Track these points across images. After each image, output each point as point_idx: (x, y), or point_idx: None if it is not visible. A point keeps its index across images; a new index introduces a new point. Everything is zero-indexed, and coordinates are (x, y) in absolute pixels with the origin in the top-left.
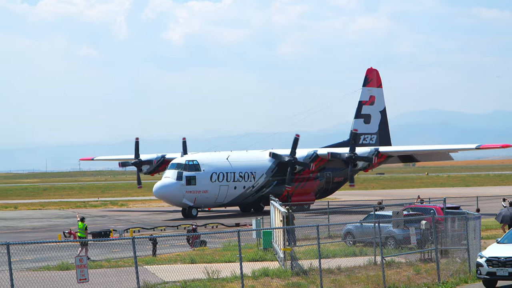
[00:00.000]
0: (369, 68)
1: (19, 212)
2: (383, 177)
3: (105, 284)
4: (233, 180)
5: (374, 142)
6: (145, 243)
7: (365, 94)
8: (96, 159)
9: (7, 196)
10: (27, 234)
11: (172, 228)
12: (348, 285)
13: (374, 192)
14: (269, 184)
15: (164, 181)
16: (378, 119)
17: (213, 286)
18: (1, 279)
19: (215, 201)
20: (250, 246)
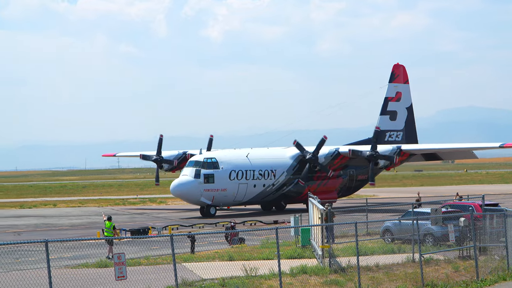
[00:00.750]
0: (396, 64)
1: (58, 209)
2: (422, 174)
3: (143, 282)
4: (253, 178)
5: (400, 139)
6: (184, 240)
7: (391, 91)
8: (118, 155)
9: (46, 194)
10: (65, 231)
11: (211, 226)
12: (386, 282)
13: (413, 189)
14: (290, 182)
15: (181, 179)
16: (405, 116)
17: (251, 284)
18: (40, 276)
19: (234, 200)
20: (288, 244)
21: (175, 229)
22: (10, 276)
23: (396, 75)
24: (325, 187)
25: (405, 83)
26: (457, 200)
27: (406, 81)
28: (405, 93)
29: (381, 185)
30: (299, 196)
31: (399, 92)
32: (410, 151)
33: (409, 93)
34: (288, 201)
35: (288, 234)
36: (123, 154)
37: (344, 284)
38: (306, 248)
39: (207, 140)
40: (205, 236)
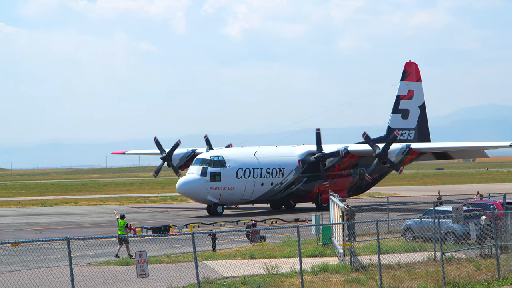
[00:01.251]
0: (408, 61)
1: (80, 207)
2: (443, 172)
3: (165, 279)
4: (260, 176)
5: (412, 138)
6: (205, 238)
7: (403, 89)
8: (127, 153)
9: (68, 192)
10: (87, 229)
11: (232, 224)
12: (407, 280)
13: (434, 187)
14: (298, 181)
15: (187, 177)
16: (417, 114)
17: (272, 282)
18: (62, 274)
19: (241, 198)
20: (310, 242)
21: (196, 227)
22: (32, 274)
23: (408, 73)
24: (335, 186)
25: (417, 81)
26: (478, 198)
27: (418, 79)
28: (418, 91)
29: (401, 184)
30: (308, 195)
31: (411, 90)
32: (420, 150)
33: (421, 91)
34: (297, 200)
35: (310, 232)
36: (132, 152)
37: (366, 283)
38: (328, 246)
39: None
40: (226, 234)
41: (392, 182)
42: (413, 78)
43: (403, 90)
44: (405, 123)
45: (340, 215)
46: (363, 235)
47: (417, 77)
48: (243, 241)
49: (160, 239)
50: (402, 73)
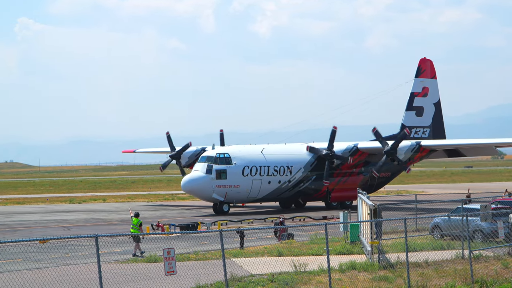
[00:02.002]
0: (422, 58)
1: (108, 204)
2: (471, 170)
3: (192, 277)
4: (267, 174)
5: (426, 136)
6: (233, 236)
7: (418, 86)
8: (137, 152)
9: (96, 189)
10: (115, 226)
11: (260, 221)
12: (435, 278)
13: (462, 185)
14: (307, 179)
15: (192, 174)
16: (432, 112)
17: (300, 279)
18: (90, 271)
19: (248, 196)
20: (337, 239)
21: (224, 224)
22: (60, 271)
23: (423, 70)
24: (345, 184)
25: (432, 78)
26: (507, 196)
27: (433, 76)
28: (433, 88)
29: (430, 181)
30: (317, 193)
31: (426, 87)
32: (430, 147)
33: (437, 88)
34: (306, 198)
35: (337, 230)
36: (143, 150)
37: (393, 280)
38: (355, 244)
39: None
40: (254, 232)
41: (420, 180)
42: (427, 75)
43: (418, 87)
44: (419, 120)
45: (368, 212)
46: (391, 232)
47: (432, 74)
48: (271, 238)
49: (188, 237)
50: (416, 70)
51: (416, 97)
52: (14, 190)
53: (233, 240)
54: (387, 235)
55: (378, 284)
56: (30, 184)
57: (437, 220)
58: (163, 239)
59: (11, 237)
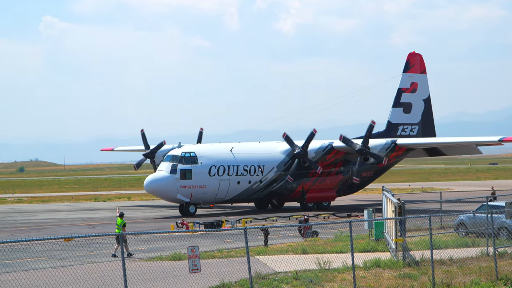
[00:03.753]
0: (411, 52)
1: (133, 202)
2: (496, 167)
3: (217, 274)
4: (236, 174)
5: (415, 133)
6: (257, 234)
7: (406, 81)
8: (116, 150)
9: (121, 187)
10: (139, 224)
11: (284, 219)
12: (460, 276)
13: (487, 182)
14: (280, 179)
15: (156, 174)
16: (421, 108)
17: (324, 277)
18: (114, 268)
19: (215, 197)
20: (362, 237)
21: (248, 222)
22: (85, 269)
23: (412, 65)
24: (322, 185)
25: (422, 73)
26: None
27: (423, 71)
28: (422, 84)
29: (455, 179)
30: (292, 194)
31: (415, 83)
32: (406, 146)
33: (426, 84)
34: (281, 199)
35: (362, 227)
36: (121, 148)
37: (418, 278)
38: (380, 242)
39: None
40: (278, 229)
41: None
42: (417, 70)
43: (406, 82)
44: (407, 117)
45: (393, 210)
46: (415, 230)
47: (422, 69)
48: (295, 236)
49: (212, 234)
50: (405, 65)
51: (404, 93)
52: (39, 189)
53: (258, 237)
54: (412, 233)
55: (403, 282)
56: (55, 182)
57: (462, 217)
58: (187, 237)
59: (36, 235)
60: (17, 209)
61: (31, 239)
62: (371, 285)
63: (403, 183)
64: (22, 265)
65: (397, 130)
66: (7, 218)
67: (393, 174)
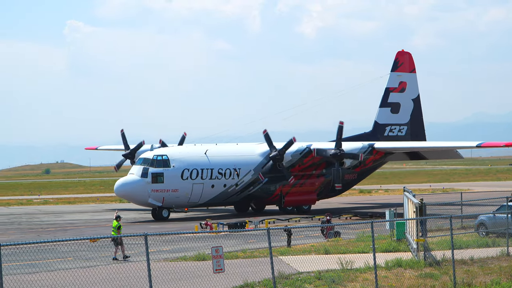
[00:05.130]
0: (400, 50)
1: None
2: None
3: (240, 274)
4: (210, 177)
5: (403, 134)
6: (280, 234)
7: (394, 80)
8: (99, 149)
9: None
10: (164, 225)
11: (307, 219)
12: (481, 276)
13: (507, 183)
14: (258, 182)
15: (126, 178)
16: (410, 108)
17: (346, 277)
18: (139, 269)
19: (188, 201)
20: (384, 237)
21: (271, 222)
22: (110, 269)
23: (400, 63)
24: (302, 188)
25: (411, 72)
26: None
27: (412, 70)
28: (411, 83)
29: (475, 179)
30: (270, 197)
31: (404, 82)
32: (385, 150)
33: (416, 83)
34: (260, 202)
35: (383, 228)
36: (105, 148)
37: (439, 278)
38: (401, 242)
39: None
40: (301, 230)
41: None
42: (406, 69)
43: (394, 82)
44: (395, 117)
45: (414, 210)
46: (436, 230)
47: (411, 68)
48: (317, 236)
49: (236, 235)
50: (393, 64)
51: (391, 92)
52: (65, 190)
53: (281, 238)
54: (433, 233)
55: (424, 281)
56: (80, 184)
57: (482, 217)
58: (211, 238)
59: (62, 236)
60: (43, 210)
61: (57, 239)
62: (392, 284)
63: (424, 184)
64: (48, 266)
65: (384, 130)
66: (34, 219)
67: (413, 175)
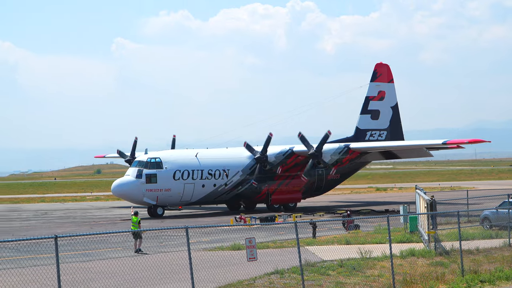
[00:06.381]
0: (379, 63)
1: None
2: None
3: (271, 263)
4: (201, 178)
5: (383, 138)
6: (306, 227)
7: (373, 90)
8: (107, 156)
9: None
10: (203, 219)
11: (330, 214)
12: (485, 264)
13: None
14: (246, 182)
15: (122, 179)
16: (389, 115)
17: (365, 265)
18: (181, 257)
19: (181, 200)
20: (398, 230)
21: (298, 217)
22: (155, 258)
23: (379, 74)
24: (287, 187)
25: (389, 82)
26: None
27: (390, 80)
28: (390, 92)
29: (479, 178)
30: (257, 196)
31: (382, 91)
32: (360, 149)
33: (394, 92)
34: (249, 201)
35: (398, 221)
36: (111, 155)
37: (448, 266)
38: (414, 234)
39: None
40: (324, 223)
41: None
42: (384, 79)
43: (373, 91)
44: (375, 123)
45: (425, 206)
46: (446, 224)
47: (389, 78)
48: (339, 229)
49: (267, 228)
50: (372, 75)
51: (371, 100)
52: None
53: (307, 230)
54: (442, 226)
55: (435, 269)
56: None
57: (486, 212)
58: (245, 230)
59: (113, 228)
60: (95, 206)
61: (108, 231)
62: (407, 272)
63: (434, 183)
64: (100, 255)
65: (365, 135)
66: (87, 213)
67: (425, 174)
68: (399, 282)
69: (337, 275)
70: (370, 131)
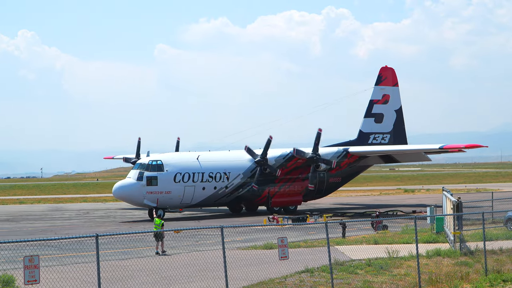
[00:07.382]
0: (384, 66)
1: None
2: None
3: (302, 261)
4: (201, 180)
5: (386, 141)
6: (336, 227)
7: (377, 93)
8: (116, 158)
9: None
10: (237, 218)
11: (359, 214)
12: (508, 264)
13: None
14: (246, 185)
15: (124, 181)
16: (393, 118)
17: (393, 264)
18: (216, 256)
19: (181, 202)
20: (425, 230)
21: (329, 217)
22: (191, 256)
23: (384, 78)
24: (288, 190)
25: (394, 86)
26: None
27: (395, 84)
28: (394, 96)
29: (504, 181)
30: (258, 199)
31: (387, 95)
32: (358, 153)
33: (398, 95)
34: (249, 203)
35: (425, 222)
36: (119, 156)
37: (473, 265)
38: (440, 234)
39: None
40: (354, 223)
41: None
42: (389, 82)
43: (377, 94)
44: (379, 127)
45: (451, 207)
46: (470, 224)
47: (394, 82)
48: (368, 229)
49: (298, 227)
50: (377, 78)
51: (375, 104)
52: None
53: (336, 230)
54: (467, 227)
55: (460, 268)
56: None
57: (510, 213)
58: (277, 230)
59: (151, 228)
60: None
61: (147, 231)
62: (432, 271)
63: (460, 185)
64: (139, 253)
65: (368, 138)
66: (126, 213)
67: (452, 177)
68: (424, 281)
69: (365, 274)
70: (373, 134)
